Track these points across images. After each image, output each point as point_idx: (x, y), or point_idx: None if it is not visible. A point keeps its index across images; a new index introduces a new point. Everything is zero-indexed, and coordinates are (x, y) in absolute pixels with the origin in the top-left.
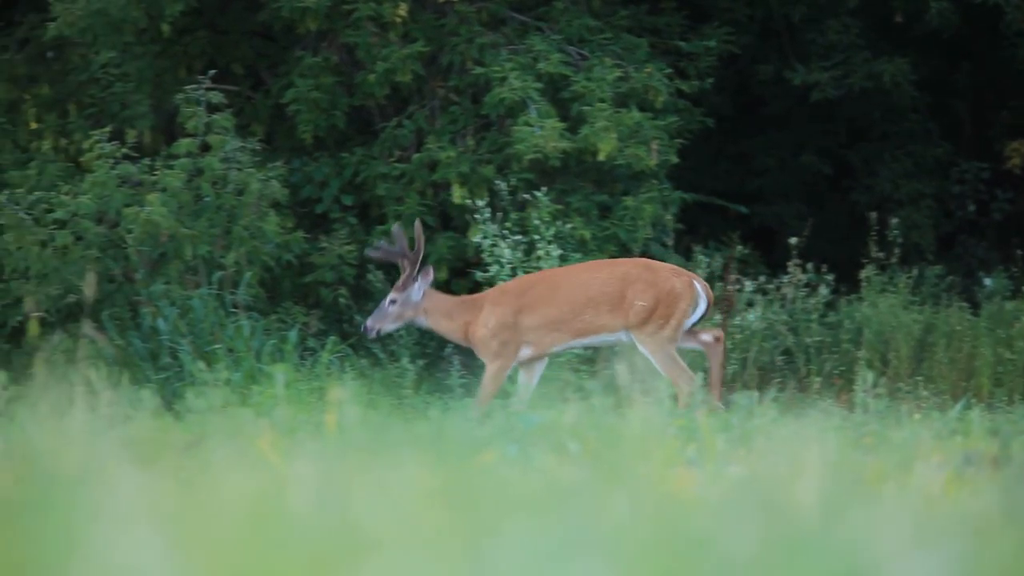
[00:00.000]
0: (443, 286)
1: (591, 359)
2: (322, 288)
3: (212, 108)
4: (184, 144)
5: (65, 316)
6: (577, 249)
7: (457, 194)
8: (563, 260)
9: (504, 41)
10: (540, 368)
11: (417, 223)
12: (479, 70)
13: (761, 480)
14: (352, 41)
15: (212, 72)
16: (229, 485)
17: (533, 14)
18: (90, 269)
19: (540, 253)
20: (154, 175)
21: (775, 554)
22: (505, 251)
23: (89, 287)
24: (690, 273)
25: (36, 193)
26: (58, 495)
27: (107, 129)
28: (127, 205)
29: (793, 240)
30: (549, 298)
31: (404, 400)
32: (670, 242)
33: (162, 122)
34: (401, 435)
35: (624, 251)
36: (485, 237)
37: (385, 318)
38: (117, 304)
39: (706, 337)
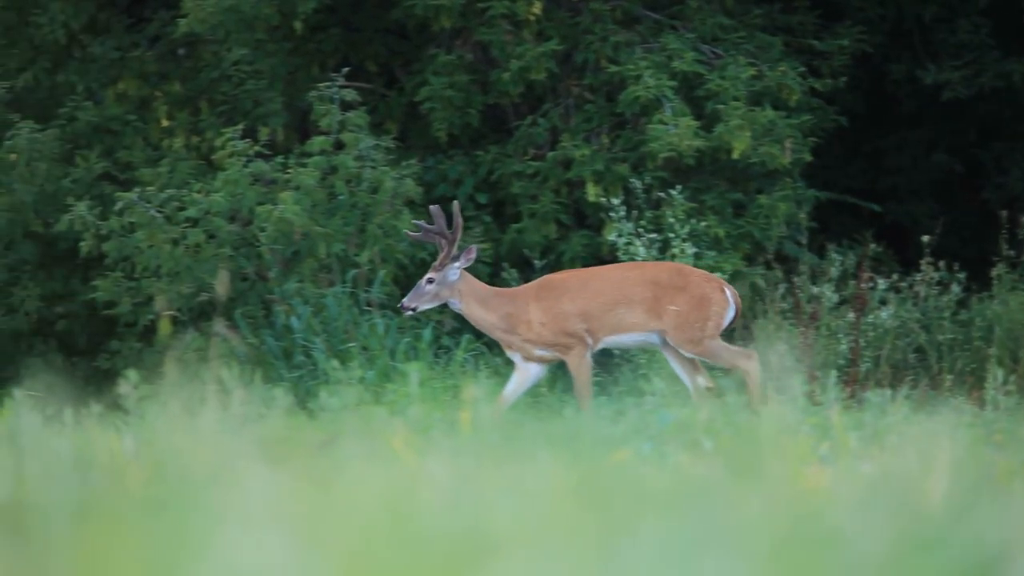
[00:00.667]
0: None
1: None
2: None
3: (346, 106)
4: (318, 142)
5: (197, 315)
6: (711, 247)
7: (592, 192)
8: (697, 258)
9: (638, 39)
10: (536, 375)
11: (455, 204)
12: (613, 68)
13: (892, 477)
14: (486, 39)
15: (346, 70)
16: (362, 484)
17: (667, 12)
18: (223, 267)
19: (675, 251)
20: (287, 173)
21: (906, 550)
22: (640, 249)
23: (222, 285)
24: (720, 280)
25: (168, 191)
26: (189, 494)
27: (239, 126)
28: (260, 203)
29: (925, 238)
30: (581, 291)
31: (539, 398)
32: (804, 240)
33: (295, 120)
34: (535, 433)
35: (758, 249)
36: (620, 235)
37: (421, 297)
38: (250, 302)
39: (701, 381)
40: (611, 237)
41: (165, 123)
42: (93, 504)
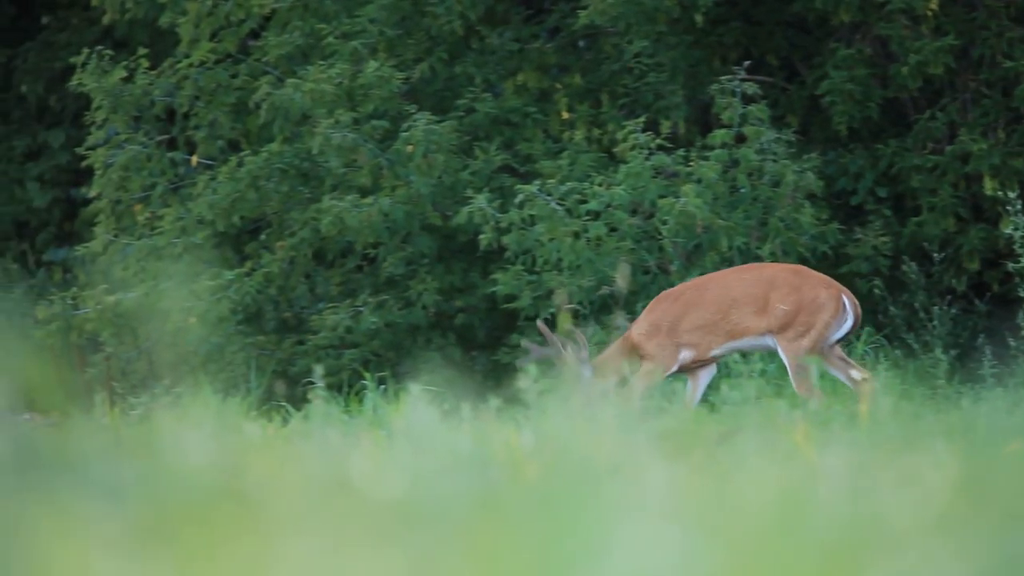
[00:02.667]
0: (975, 276)
1: None
2: (857, 279)
3: (747, 99)
4: (719, 135)
5: (598, 308)
6: None
7: (989, 186)
8: None
9: None
10: (706, 377)
11: (539, 323)
12: (1008, 64)
13: None
14: (885, 33)
15: (746, 63)
16: (760, 478)
17: None
18: (624, 260)
19: None
20: (689, 166)
21: None
22: None
23: (623, 278)
24: (840, 286)
25: (568, 184)
26: (587, 489)
27: (641, 119)
28: (662, 196)
29: None
30: (698, 300)
31: (937, 390)
32: None
33: (696, 112)
34: (932, 425)
35: None
36: (1016, 228)
37: (589, 401)
38: (651, 296)
39: (855, 374)
40: (1007, 231)
41: (565, 115)
42: (490, 498)
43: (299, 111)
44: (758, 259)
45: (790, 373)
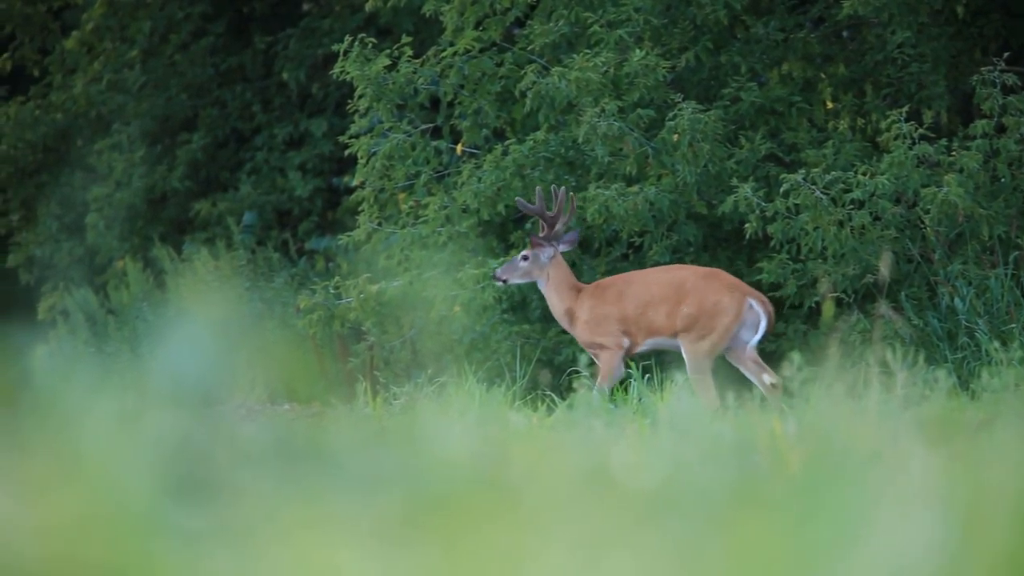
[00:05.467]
0: None
1: None
2: None
3: (1006, 89)
4: (980, 125)
5: (862, 296)
6: None
7: None
8: None
9: None
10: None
11: (562, 189)
12: None
13: None
14: None
15: (1006, 54)
16: (1018, 464)
17: None
18: (887, 249)
19: None
20: (951, 156)
21: None
22: None
23: (885, 267)
24: (749, 290)
25: (833, 173)
26: (849, 475)
27: (904, 109)
28: (924, 185)
29: None
30: (621, 296)
31: None
32: None
33: (958, 103)
34: None
35: None
36: None
37: (513, 271)
38: (914, 284)
39: (767, 379)
40: None
41: (830, 105)
42: (752, 487)
43: (564, 100)
44: (1017, 248)
45: (689, 374)
